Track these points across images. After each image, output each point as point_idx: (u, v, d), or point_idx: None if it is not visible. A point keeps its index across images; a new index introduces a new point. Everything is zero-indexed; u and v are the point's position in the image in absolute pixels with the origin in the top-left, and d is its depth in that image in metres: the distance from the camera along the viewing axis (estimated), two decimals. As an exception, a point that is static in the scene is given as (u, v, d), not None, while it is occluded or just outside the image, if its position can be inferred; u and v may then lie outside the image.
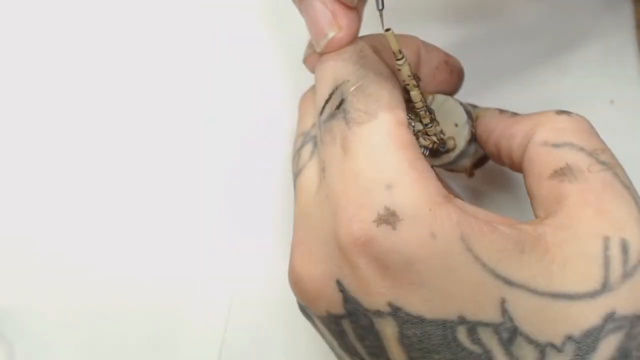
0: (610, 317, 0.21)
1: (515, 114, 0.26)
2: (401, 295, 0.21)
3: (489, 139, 0.27)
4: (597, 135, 0.24)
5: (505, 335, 0.21)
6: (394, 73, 0.26)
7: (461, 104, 0.27)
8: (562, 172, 0.23)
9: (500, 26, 0.36)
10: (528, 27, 0.36)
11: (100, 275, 0.35)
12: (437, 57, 0.28)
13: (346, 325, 0.23)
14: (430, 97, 0.27)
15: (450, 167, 0.28)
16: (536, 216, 0.24)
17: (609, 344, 0.21)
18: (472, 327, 0.21)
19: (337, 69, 0.25)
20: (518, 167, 0.25)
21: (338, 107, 0.24)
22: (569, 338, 0.21)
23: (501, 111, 0.27)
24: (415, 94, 0.25)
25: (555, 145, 0.24)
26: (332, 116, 0.24)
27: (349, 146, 0.23)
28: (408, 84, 0.25)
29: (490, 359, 0.21)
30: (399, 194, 0.22)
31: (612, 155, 0.24)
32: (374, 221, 0.22)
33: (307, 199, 0.25)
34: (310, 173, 0.25)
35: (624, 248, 0.21)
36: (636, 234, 0.21)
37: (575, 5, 0.36)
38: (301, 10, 0.26)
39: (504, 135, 0.26)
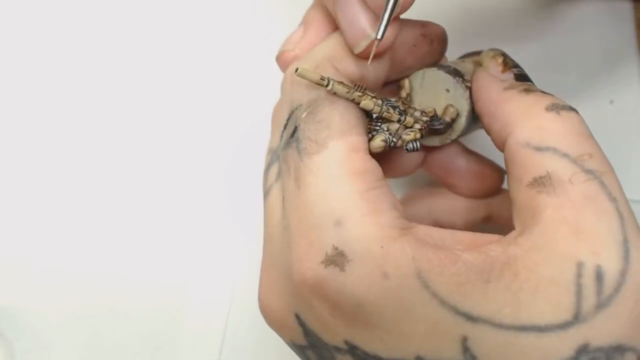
0: (583, 350, 0.19)
1: (512, 85, 0.24)
2: (356, 334, 0.21)
3: (476, 103, 0.25)
4: (588, 136, 0.22)
5: None
6: (362, 78, 0.24)
7: (440, 67, 0.26)
8: (542, 182, 0.21)
9: (500, 26, 0.36)
10: (528, 28, 0.36)
11: (100, 275, 0.35)
12: (412, 34, 0.26)
13: (311, 354, 0.23)
14: (405, 81, 0.26)
15: (469, 132, 0.27)
16: (514, 224, 0.22)
17: None
18: None
19: (293, 91, 0.24)
20: (497, 146, 0.24)
21: (292, 134, 0.23)
22: None
23: (504, 65, 0.25)
24: (365, 103, 0.23)
25: (538, 149, 0.21)
26: (287, 144, 0.23)
27: (301, 179, 0.22)
28: (353, 100, 0.23)
29: None
30: (348, 231, 0.21)
31: (603, 160, 0.21)
32: (322, 262, 0.21)
33: (273, 223, 0.24)
34: (276, 196, 0.24)
35: (599, 275, 0.19)
36: (613, 258, 0.19)
37: (575, 5, 0.36)
38: (336, 10, 0.24)
39: (487, 111, 0.24)
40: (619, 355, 0.19)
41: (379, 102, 0.24)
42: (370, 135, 0.24)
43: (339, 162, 0.22)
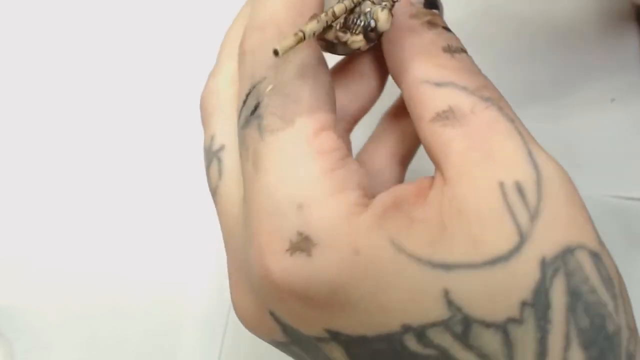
0: (544, 265, 0.19)
1: (418, 13, 0.23)
2: (335, 321, 0.20)
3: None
4: (479, 72, 0.22)
5: (458, 328, 0.19)
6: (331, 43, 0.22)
7: None
8: (445, 116, 0.21)
9: (500, 26, 0.36)
10: (528, 27, 0.36)
11: (99, 275, 0.35)
12: None
13: (295, 349, 0.22)
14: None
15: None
16: (432, 161, 0.22)
17: (557, 293, 0.19)
18: (420, 332, 0.19)
19: (255, 62, 0.21)
20: (392, 74, 0.23)
21: (253, 111, 0.21)
22: (524, 304, 0.19)
23: None
24: (338, 7, 0.21)
25: (438, 85, 0.21)
26: (246, 123, 0.21)
27: (260, 161, 0.20)
28: (330, 22, 0.21)
29: (448, 357, 0.19)
30: (312, 213, 0.19)
31: (495, 90, 0.22)
32: (287, 250, 0.19)
33: (230, 220, 0.22)
34: (226, 192, 0.22)
35: (520, 190, 0.19)
36: (527, 171, 0.20)
37: (576, 4, 0.36)
38: None
39: (389, 37, 0.23)
40: (570, 256, 0.19)
41: (331, 16, 0.21)
42: (359, 23, 0.22)
43: (305, 140, 0.20)
